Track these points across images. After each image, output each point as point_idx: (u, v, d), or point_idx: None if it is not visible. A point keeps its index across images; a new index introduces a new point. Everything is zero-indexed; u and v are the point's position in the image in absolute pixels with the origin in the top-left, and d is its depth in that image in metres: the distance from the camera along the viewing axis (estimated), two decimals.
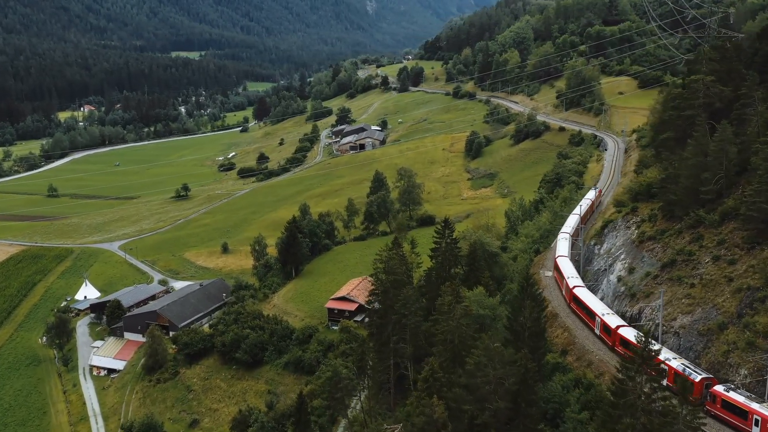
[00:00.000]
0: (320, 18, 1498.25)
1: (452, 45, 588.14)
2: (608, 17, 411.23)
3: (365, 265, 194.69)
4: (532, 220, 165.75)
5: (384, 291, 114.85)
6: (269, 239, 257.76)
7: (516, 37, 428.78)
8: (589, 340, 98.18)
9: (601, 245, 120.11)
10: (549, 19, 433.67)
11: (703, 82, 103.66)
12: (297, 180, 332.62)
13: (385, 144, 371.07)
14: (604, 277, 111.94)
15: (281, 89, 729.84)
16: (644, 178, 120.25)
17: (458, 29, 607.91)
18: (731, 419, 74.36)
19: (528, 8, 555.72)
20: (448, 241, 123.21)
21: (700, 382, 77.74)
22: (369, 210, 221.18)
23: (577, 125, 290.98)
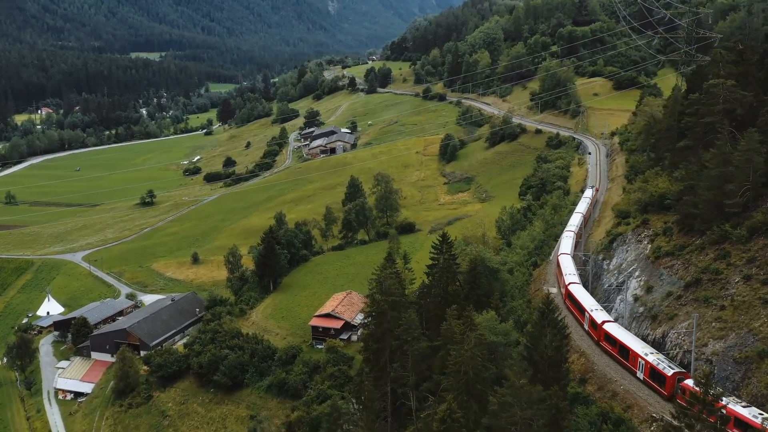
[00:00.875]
0: (282, 18, 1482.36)
1: (419, 45, 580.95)
2: (578, 17, 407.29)
3: (346, 276, 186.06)
4: (525, 230, 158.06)
5: (380, 313, 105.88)
6: (242, 248, 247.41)
7: (486, 37, 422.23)
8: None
9: (610, 260, 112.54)
10: (519, 20, 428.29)
11: (723, 87, 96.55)
12: (267, 185, 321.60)
13: (356, 147, 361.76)
14: (617, 295, 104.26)
15: (245, 91, 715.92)
16: (654, 188, 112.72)
17: (425, 30, 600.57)
18: None
19: (495, 8, 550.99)
20: (447, 257, 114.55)
21: (673, 376, 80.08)
22: (347, 218, 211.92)
23: (554, 127, 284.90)
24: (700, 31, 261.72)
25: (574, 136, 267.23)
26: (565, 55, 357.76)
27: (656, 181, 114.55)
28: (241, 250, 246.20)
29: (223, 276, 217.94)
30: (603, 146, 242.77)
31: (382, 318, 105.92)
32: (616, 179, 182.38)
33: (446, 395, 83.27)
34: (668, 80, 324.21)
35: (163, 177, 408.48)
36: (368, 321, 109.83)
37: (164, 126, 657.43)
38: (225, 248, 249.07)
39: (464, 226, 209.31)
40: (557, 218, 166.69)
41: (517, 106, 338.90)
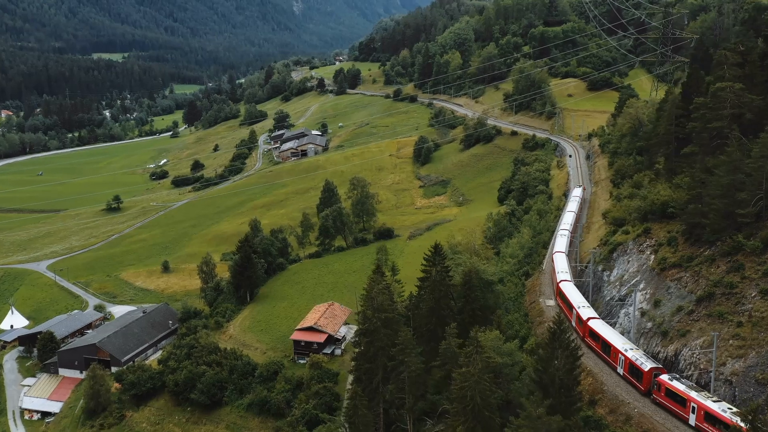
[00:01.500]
0: (246, 18, 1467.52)
1: (387, 46, 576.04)
2: (549, 18, 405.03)
3: (325, 285, 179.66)
4: (512, 237, 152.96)
5: (373, 331, 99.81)
6: (214, 255, 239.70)
7: (456, 38, 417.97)
8: None
9: (610, 271, 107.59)
10: (489, 20, 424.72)
11: (731, 90, 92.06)
12: (237, 189, 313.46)
13: (328, 150, 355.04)
14: (620, 308, 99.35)
15: (211, 92, 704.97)
16: (654, 195, 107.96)
17: (393, 30, 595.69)
18: (673, 407, 76.92)
19: (464, 9, 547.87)
20: (439, 270, 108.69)
21: (649, 372, 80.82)
22: (324, 225, 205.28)
23: (530, 129, 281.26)
24: (675, 32, 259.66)
25: (551, 137, 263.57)
26: (537, 55, 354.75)
27: (656, 188, 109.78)
28: (213, 258, 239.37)
29: (196, 285, 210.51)
30: (581, 148, 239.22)
31: (375, 336, 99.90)
32: (601, 183, 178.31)
33: (452, 422, 77.59)
34: (641, 81, 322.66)
35: (129, 181, 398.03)
36: (359, 339, 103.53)
37: (129, 128, 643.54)
38: (196, 256, 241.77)
39: (445, 232, 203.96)
40: (543, 224, 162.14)
41: (490, 107, 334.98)
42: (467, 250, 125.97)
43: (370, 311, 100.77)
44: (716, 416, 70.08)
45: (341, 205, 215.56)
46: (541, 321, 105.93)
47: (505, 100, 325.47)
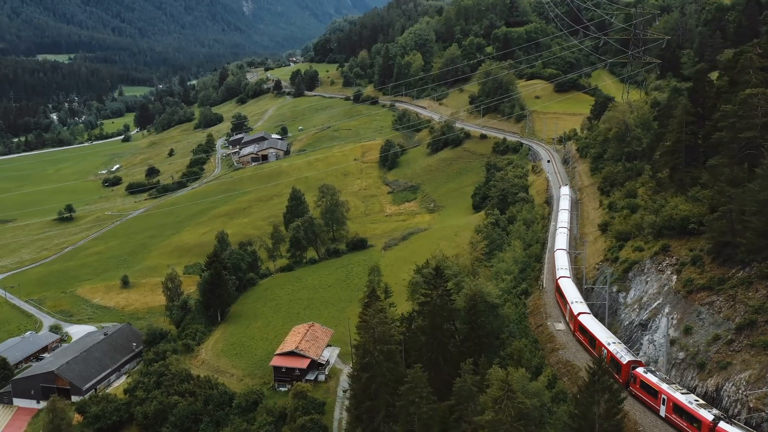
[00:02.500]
0: (195, 19, 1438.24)
1: (344, 47, 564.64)
2: (510, 18, 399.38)
3: (300, 302, 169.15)
4: (502, 250, 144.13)
5: (374, 365, 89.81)
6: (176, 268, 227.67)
7: (417, 39, 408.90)
8: None
9: (626, 292, 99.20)
10: (450, 20, 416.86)
11: (763, 97, 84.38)
12: (197, 197, 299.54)
13: (289, 154, 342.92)
14: (642, 333, 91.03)
15: (163, 94, 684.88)
16: (671, 209, 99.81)
17: (349, 31, 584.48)
18: (646, 398, 78.77)
19: (421, 9, 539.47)
20: (441, 293, 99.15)
21: (627, 365, 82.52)
22: (296, 236, 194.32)
23: (499, 132, 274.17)
24: (645, 33, 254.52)
25: (522, 141, 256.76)
26: (500, 56, 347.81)
27: (676, 202, 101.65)
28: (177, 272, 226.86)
29: (159, 302, 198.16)
30: (556, 152, 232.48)
31: (376, 370, 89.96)
32: (585, 189, 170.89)
33: None
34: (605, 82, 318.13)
35: (80, 188, 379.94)
36: (359, 373, 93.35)
37: (77, 132, 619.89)
38: (157, 269, 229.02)
39: (421, 242, 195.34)
40: (531, 234, 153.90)
41: (457, 110, 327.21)
42: (463, 269, 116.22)
43: (370, 343, 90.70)
44: (683, 407, 72.05)
45: (312, 215, 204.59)
46: (553, 348, 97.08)
47: (471, 102, 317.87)
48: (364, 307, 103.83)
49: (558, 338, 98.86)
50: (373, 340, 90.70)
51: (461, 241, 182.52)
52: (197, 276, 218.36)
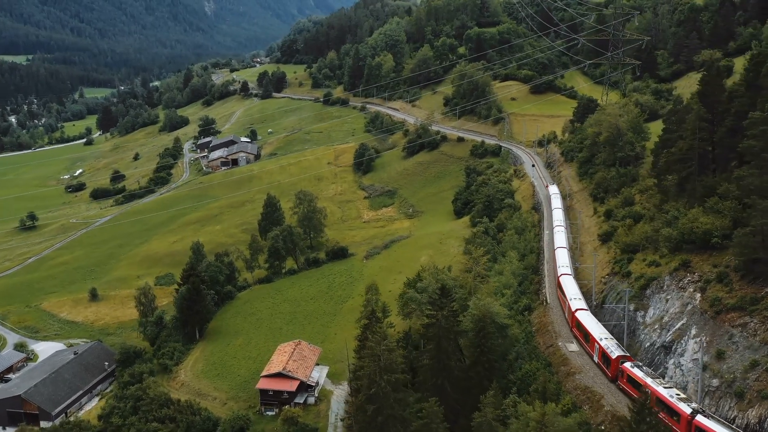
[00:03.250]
0: (157, 19, 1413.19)
1: (311, 48, 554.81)
2: (481, 19, 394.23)
3: (282, 317, 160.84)
4: (497, 262, 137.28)
5: (382, 397, 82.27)
6: (146, 279, 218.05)
7: (388, 39, 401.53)
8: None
9: (644, 311, 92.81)
10: (421, 21, 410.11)
11: None
12: (165, 203, 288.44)
13: (260, 158, 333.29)
14: (667, 357, 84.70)
15: (126, 96, 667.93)
16: (689, 222, 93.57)
17: (316, 31, 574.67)
18: (633, 392, 79.28)
19: (389, 9, 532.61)
20: (447, 314, 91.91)
21: (616, 359, 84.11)
22: (274, 246, 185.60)
23: (477, 135, 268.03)
24: (625, 33, 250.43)
25: (501, 144, 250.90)
26: (474, 57, 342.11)
27: (691, 213, 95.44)
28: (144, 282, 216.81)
29: (130, 315, 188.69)
30: (537, 155, 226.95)
31: (384, 402, 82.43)
32: (575, 195, 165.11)
33: None
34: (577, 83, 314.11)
35: (42, 194, 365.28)
36: (364, 404, 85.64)
37: (38, 136, 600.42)
38: (127, 280, 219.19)
39: (404, 250, 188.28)
40: (524, 243, 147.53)
41: (430, 111, 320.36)
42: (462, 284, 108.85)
43: (376, 373, 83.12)
44: (664, 401, 73.22)
45: (290, 223, 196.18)
46: (568, 372, 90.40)
47: (446, 104, 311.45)
48: (363, 329, 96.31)
49: (573, 361, 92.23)
50: (379, 369, 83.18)
51: (447, 249, 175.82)
52: (169, 287, 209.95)
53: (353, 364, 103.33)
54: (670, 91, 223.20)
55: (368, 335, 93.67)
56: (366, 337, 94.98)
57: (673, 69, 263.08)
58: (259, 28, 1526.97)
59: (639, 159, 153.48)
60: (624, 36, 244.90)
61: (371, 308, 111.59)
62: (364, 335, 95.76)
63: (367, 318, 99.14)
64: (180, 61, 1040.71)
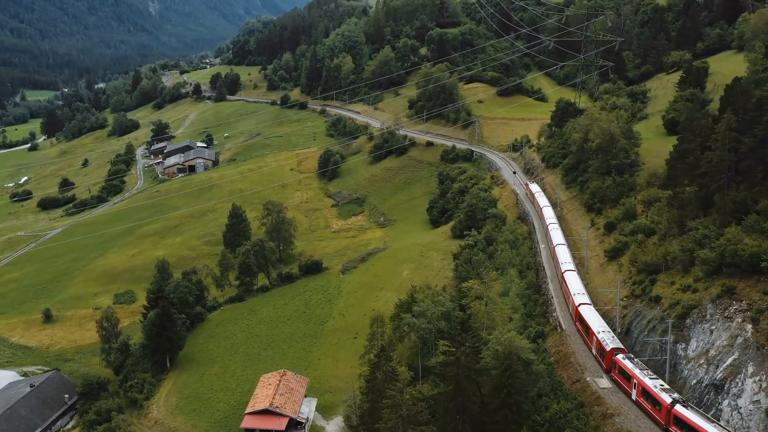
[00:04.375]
0: (100, 19, 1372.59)
1: (263, 49, 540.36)
2: (440, 19, 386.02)
3: (260, 341, 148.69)
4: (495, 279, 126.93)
5: None
6: (104, 297, 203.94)
7: (346, 40, 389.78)
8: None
9: (685, 343, 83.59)
10: (379, 21, 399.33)
11: None
12: (121, 213, 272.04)
13: (218, 164, 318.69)
14: (719, 396, 75.53)
15: (71, 99, 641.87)
16: (732, 243, 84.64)
17: (269, 32, 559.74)
18: (623, 383, 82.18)
19: (342, 9, 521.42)
20: (467, 351, 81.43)
21: (611, 351, 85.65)
22: (246, 261, 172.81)
23: (446, 139, 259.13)
24: (599, 35, 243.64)
25: (473, 149, 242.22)
26: (436, 59, 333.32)
27: (730, 233, 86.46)
28: (102, 300, 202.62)
29: (89, 339, 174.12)
30: (512, 161, 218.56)
31: None
32: (564, 205, 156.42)
33: None
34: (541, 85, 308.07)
35: None
36: None
37: None
38: (83, 299, 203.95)
39: (383, 263, 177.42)
40: (518, 258, 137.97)
41: (393, 114, 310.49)
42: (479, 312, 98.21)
43: (399, 427, 72.09)
44: (648, 391, 75.95)
45: (262, 239, 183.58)
46: (604, 413, 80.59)
47: (410, 107, 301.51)
48: (371, 368, 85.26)
49: (607, 400, 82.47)
50: (402, 420, 72.22)
51: (430, 263, 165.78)
52: (130, 306, 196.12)
53: (359, 407, 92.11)
54: (644, 93, 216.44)
55: (378, 374, 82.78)
56: (375, 377, 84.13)
57: (642, 70, 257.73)
58: (205, 29, 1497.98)
59: (633, 167, 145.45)
60: (597, 37, 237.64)
61: (380, 344, 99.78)
62: (373, 374, 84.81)
63: (376, 356, 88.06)
64: (125, 63, 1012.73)
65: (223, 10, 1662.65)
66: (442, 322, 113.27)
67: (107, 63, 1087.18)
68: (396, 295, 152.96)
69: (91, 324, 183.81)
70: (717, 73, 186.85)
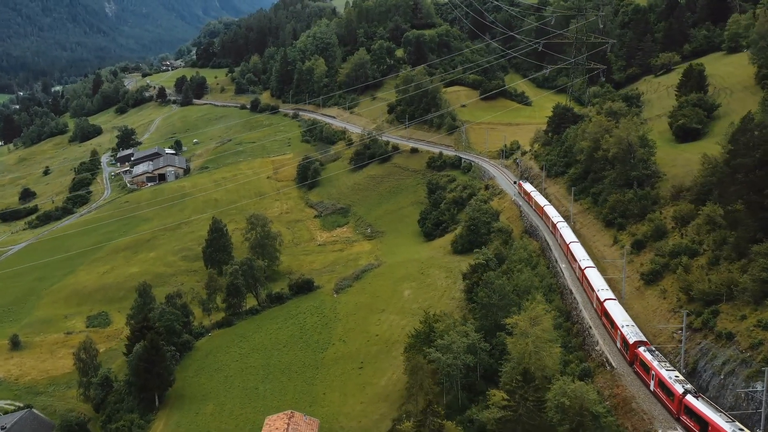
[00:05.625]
0: (55, 21, 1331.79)
1: (229, 51, 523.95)
2: (414, 21, 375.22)
3: (255, 372, 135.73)
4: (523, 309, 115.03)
5: None
6: (75, 319, 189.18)
7: (318, 42, 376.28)
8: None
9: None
10: (351, 23, 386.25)
11: None
12: (89, 226, 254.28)
13: (190, 172, 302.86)
14: None
15: (28, 103, 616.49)
16: None
17: (235, 34, 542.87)
18: (643, 375, 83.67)
19: (308, 11, 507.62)
20: (530, 407, 69.67)
21: (634, 344, 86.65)
22: (234, 282, 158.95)
23: (432, 146, 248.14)
24: (590, 37, 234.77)
25: (461, 155, 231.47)
26: (413, 61, 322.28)
27: None
28: (74, 323, 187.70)
29: (63, 368, 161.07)
30: (505, 168, 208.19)
31: None
32: (577, 219, 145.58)
33: None
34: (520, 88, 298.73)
35: None
36: None
37: None
38: (53, 322, 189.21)
39: (380, 281, 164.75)
40: (535, 279, 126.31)
41: (371, 119, 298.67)
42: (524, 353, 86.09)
43: None
44: (664, 382, 77.06)
45: (250, 257, 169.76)
46: None
47: (390, 111, 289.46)
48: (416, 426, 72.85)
49: None
50: None
51: (434, 282, 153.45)
52: (104, 329, 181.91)
53: None
54: (638, 97, 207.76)
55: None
56: None
57: (628, 73, 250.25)
58: (163, 30, 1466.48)
59: (653, 178, 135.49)
60: (588, 39, 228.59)
61: (426, 399, 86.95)
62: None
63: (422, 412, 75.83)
64: (82, 65, 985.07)
65: (181, 11, 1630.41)
66: (469, 356, 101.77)
67: (63, 65, 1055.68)
68: (400, 318, 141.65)
69: (64, 351, 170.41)
70: (713, 75, 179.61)
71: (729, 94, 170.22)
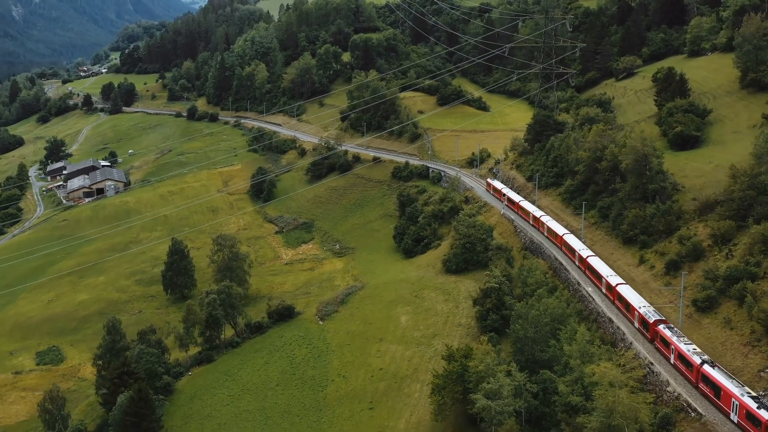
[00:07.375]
0: None
1: (155, 56, 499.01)
2: (356, 24, 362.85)
3: (251, 417, 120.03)
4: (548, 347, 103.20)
5: None
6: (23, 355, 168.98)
7: (258, 47, 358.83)
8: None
9: None
10: (291, 26, 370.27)
11: None
12: (24, 248, 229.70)
13: (130, 185, 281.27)
14: None
15: None
16: None
17: (162, 38, 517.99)
18: (663, 350, 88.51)
19: (238, 15, 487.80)
20: None
21: (654, 323, 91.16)
22: (212, 313, 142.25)
23: (394, 155, 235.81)
24: (559, 40, 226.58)
25: (428, 165, 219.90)
26: (360, 65, 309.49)
27: None
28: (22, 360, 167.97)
29: (17, 415, 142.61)
30: (479, 178, 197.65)
31: None
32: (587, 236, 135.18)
33: None
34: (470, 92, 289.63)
35: None
36: None
37: None
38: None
39: (367, 304, 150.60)
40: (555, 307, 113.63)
41: (322, 126, 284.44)
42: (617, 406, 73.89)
43: None
44: (683, 355, 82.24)
45: (228, 283, 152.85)
46: None
47: (343, 119, 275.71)
48: None
49: None
50: None
51: (432, 306, 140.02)
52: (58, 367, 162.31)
53: None
54: (608, 102, 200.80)
55: None
56: None
57: (587, 77, 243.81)
58: (74, 34, 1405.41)
59: (671, 190, 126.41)
60: (557, 43, 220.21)
61: None
62: None
63: None
64: None
65: (93, 15, 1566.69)
66: (518, 401, 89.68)
67: None
68: (403, 349, 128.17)
69: (15, 395, 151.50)
70: (688, 79, 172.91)
71: (712, 98, 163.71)
